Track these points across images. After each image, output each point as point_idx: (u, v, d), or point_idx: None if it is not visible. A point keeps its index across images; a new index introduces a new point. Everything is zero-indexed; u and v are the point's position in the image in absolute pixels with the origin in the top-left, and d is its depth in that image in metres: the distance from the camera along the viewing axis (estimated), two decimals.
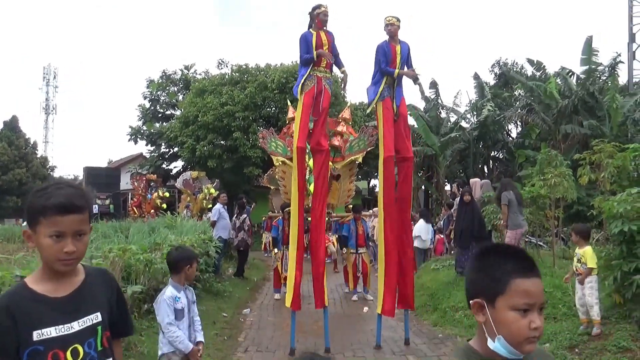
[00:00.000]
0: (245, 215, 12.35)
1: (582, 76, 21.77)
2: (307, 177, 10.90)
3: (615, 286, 6.08)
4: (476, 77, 27.26)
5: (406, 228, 7.42)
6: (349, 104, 17.35)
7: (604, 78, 21.30)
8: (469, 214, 10.08)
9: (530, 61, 24.92)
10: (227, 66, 28.87)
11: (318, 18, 7.28)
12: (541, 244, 12.56)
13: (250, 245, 12.57)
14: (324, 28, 7.35)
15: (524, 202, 9.72)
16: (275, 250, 10.54)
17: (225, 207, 12.43)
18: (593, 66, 21.36)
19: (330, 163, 10.41)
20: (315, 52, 7.08)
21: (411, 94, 61.25)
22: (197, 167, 24.47)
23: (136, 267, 6.28)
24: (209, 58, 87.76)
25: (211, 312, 8.32)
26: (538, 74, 24.76)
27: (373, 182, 38.71)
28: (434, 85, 25.69)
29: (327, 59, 7.19)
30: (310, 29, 7.33)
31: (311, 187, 10.76)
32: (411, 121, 25.18)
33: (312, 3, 7.44)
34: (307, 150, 10.61)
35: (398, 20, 7.33)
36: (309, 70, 7.20)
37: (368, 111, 8.01)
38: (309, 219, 11.60)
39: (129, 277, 6.23)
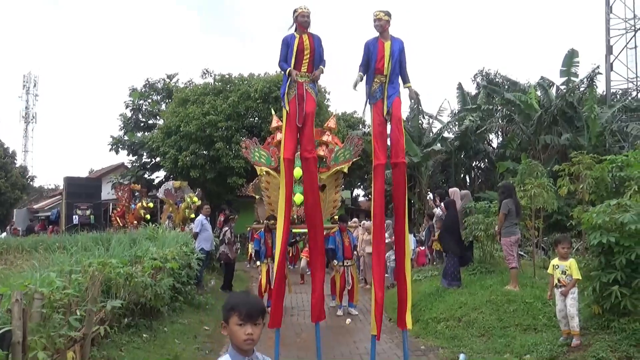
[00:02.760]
0: (226, 228, 12.27)
1: (562, 87, 22.13)
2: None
3: (594, 297, 6.16)
4: (459, 87, 27.55)
5: (400, 239, 6.92)
6: (334, 114, 17.41)
7: (583, 89, 21.65)
8: (450, 223, 10.15)
9: (506, 78, 25.33)
10: (211, 76, 28.84)
11: (297, 20, 7.02)
12: (522, 253, 12.69)
13: (233, 258, 12.44)
14: (307, 31, 7.06)
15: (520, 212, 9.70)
16: (258, 263, 10.41)
17: (208, 218, 12.35)
18: (572, 78, 21.72)
19: None
20: (292, 64, 6.84)
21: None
22: (180, 177, 24.32)
23: (116, 281, 6.21)
24: (193, 68, 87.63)
25: (193, 326, 8.26)
26: (521, 82, 25.15)
27: (356, 191, 38.83)
28: (416, 98, 25.88)
29: (294, 78, 6.89)
30: (294, 32, 7.07)
31: (296, 198, 10.74)
32: None
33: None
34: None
35: (387, 14, 6.88)
36: (290, 78, 6.93)
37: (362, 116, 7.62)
38: (294, 230, 11.59)
39: (108, 291, 6.16)
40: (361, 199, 38.94)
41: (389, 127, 7.16)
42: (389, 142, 7.00)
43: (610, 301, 5.89)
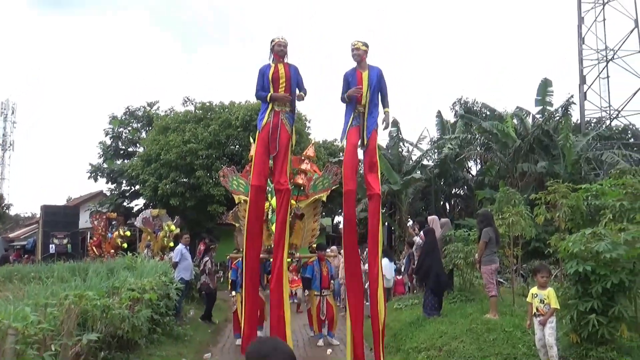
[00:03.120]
0: (207, 258, 12.14)
1: (538, 116, 22.59)
2: (269, 216, 10.84)
3: (572, 326, 6.21)
4: (439, 115, 27.98)
5: (373, 272, 6.89)
6: (313, 142, 17.48)
7: (558, 118, 22.13)
8: (429, 252, 10.16)
9: (485, 106, 25.83)
10: (192, 103, 28.88)
11: (274, 50, 7.14)
12: (502, 280, 12.78)
13: (214, 288, 12.28)
14: (284, 60, 7.16)
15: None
16: (233, 292, 10.21)
17: (187, 247, 12.23)
18: (547, 107, 22.21)
19: (293, 202, 10.31)
20: (270, 93, 6.91)
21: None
22: (159, 205, 24.10)
23: (93, 314, 6.09)
24: (175, 96, 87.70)
25: (171, 358, 8.11)
26: (498, 110, 25.62)
27: (337, 219, 38.78)
28: (395, 123, 26.20)
29: (280, 100, 6.96)
30: (271, 62, 7.17)
31: (274, 227, 10.70)
32: None
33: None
34: (270, 189, 10.56)
35: (365, 45, 7.02)
36: (269, 105, 7.02)
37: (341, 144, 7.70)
38: (271, 259, 11.49)
39: (85, 324, 6.03)
40: (342, 226, 38.90)
41: (360, 155, 7.24)
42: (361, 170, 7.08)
43: (587, 330, 5.95)
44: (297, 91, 7.24)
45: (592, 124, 28.34)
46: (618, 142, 26.22)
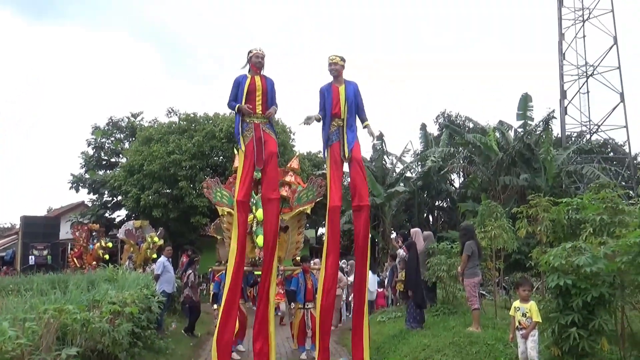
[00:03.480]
0: (190, 271, 12.03)
1: (519, 130, 22.89)
2: (254, 228, 10.81)
3: (553, 339, 6.24)
4: (423, 128, 28.21)
5: (362, 283, 6.99)
6: (297, 154, 17.49)
7: (539, 132, 22.45)
8: (411, 266, 10.16)
9: (468, 118, 26.14)
10: (176, 115, 28.82)
11: (251, 61, 7.11)
12: (484, 293, 12.85)
13: (197, 301, 12.15)
14: (260, 72, 7.13)
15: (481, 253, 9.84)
16: (215, 306, 10.07)
17: (170, 259, 12.12)
18: (529, 121, 22.53)
19: None
20: (242, 103, 6.89)
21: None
22: (142, 216, 23.94)
23: (72, 328, 6.00)
24: (159, 107, 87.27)
25: None
26: (481, 123, 25.92)
27: (321, 230, 38.76)
28: (380, 137, 26.37)
29: (246, 112, 6.91)
30: (247, 73, 7.14)
31: (258, 240, 10.65)
32: None
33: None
34: (254, 201, 10.52)
35: (342, 59, 7.04)
36: (240, 116, 6.97)
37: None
38: (256, 272, 11.45)
39: (64, 338, 5.94)
40: (325, 239, 38.88)
41: (345, 167, 7.26)
42: (346, 184, 7.12)
43: (568, 343, 5.97)
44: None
45: (573, 138, 28.79)
46: (598, 156, 26.68)
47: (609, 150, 32.91)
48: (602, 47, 28.51)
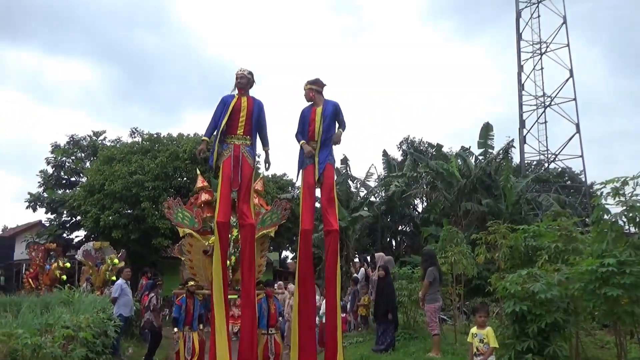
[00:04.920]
0: (152, 295, 11.74)
1: (480, 157, 23.42)
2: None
3: None
4: (385, 154, 28.58)
5: (332, 310, 6.95)
6: (261, 176, 17.44)
7: (499, 160, 23.00)
8: (387, 288, 10.16)
9: (431, 145, 26.65)
10: (140, 135, 28.47)
11: (235, 82, 7.12)
12: (445, 318, 12.95)
13: (159, 327, 11.83)
14: (247, 93, 7.13)
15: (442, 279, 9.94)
16: (175, 329, 9.79)
17: (128, 282, 11.85)
18: (489, 149, 23.10)
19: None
20: (224, 122, 6.87)
21: None
22: (101, 237, 23.39)
23: (22, 353, 5.80)
24: (123, 127, 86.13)
25: None
26: (444, 151, 26.43)
27: (285, 253, 38.58)
28: (344, 161, 26.56)
29: (200, 154, 7.01)
30: (235, 93, 7.12)
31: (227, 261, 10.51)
32: None
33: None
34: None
35: (313, 83, 7.06)
36: (217, 139, 6.94)
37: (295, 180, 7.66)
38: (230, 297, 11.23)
39: None
40: (289, 260, 38.74)
41: (317, 192, 7.24)
42: (317, 205, 7.07)
43: None
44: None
45: (532, 167, 29.60)
46: (556, 184, 27.47)
47: (567, 178, 33.94)
48: (559, 79, 29.60)
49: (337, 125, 7.13)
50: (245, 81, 7.14)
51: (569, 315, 6.55)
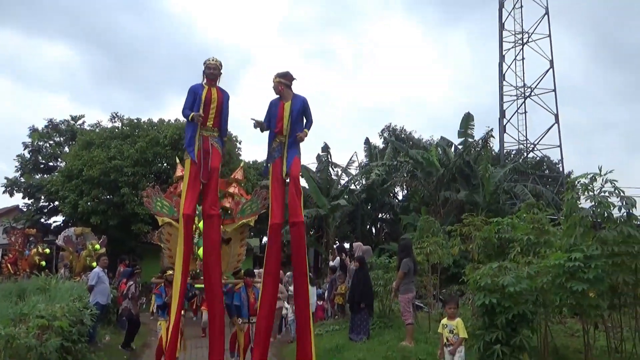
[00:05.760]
0: (131, 283, 11.73)
1: (460, 147, 23.63)
2: (195, 240, 10.67)
3: (478, 355, 6.51)
4: (367, 142, 28.71)
5: (303, 295, 6.95)
6: (242, 164, 17.40)
7: (479, 150, 23.24)
8: (363, 279, 10.27)
9: (410, 137, 26.82)
10: (120, 120, 28.17)
11: (205, 72, 7.05)
12: (421, 305, 13.15)
13: (136, 314, 11.84)
14: (216, 84, 7.08)
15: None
16: (160, 318, 9.79)
17: (105, 270, 11.82)
18: (469, 139, 23.31)
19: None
20: (193, 113, 6.78)
21: (305, 155, 62.46)
22: (80, 223, 23.20)
23: None
24: (102, 111, 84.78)
25: None
26: (424, 139, 26.61)
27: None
28: (325, 148, 26.61)
29: (197, 121, 6.82)
30: (203, 83, 7.06)
31: (199, 252, 10.53)
32: (303, 182, 25.80)
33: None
34: (198, 212, 10.40)
35: (284, 77, 7.04)
36: (197, 129, 6.89)
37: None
38: (196, 285, 11.30)
39: None
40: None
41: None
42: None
43: (493, 359, 6.25)
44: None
45: (511, 156, 29.96)
46: (534, 174, 27.87)
47: (545, 168, 34.44)
48: (540, 70, 29.88)
49: (304, 120, 7.12)
50: (217, 72, 7.09)
51: (537, 307, 6.73)
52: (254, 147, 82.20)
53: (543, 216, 8.48)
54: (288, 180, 7.05)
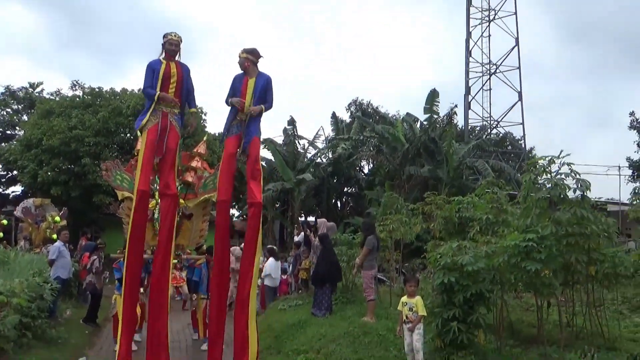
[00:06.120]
0: (94, 257, 11.58)
1: (425, 123, 23.87)
2: (155, 215, 10.55)
3: (436, 332, 6.71)
4: (334, 116, 28.71)
5: (248, 274, 6.79)
6: (205, 138, 17.16)
7: (443, 126, 23.54)
8: (327, 257, 10.36)
9: (377, 111, 26.93)
10: (81, 88, 27.38)
11: (165, 47, 6.86)
12: (384, 278, 13.39)
13: (100, 289, 11.74)
14: (175, 59, 6.92)
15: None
16: (117, 292, 9.72)
17: (66, 244, 11.65)
18: (435, 115, 23.55)
19: (182, 201, 10.07)
20: (159, 93, 6.65)
21: (272, 128, 62.14)
22: (39, 193, 22.68)
23: None
24: (62, 78, 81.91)
25: None
26: (391, 114, 26.74)
27: (231, 211, 38.54)
28: (291, 122, 26.51)
29: (168, 101, 6.73)
30: (161, 58, 6.88)
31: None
32: (269, 155, 25.73)
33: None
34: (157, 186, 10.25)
35: (249, 52, 6.90)
36: (152, 104, 6.74)
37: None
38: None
39: None
40: (235, 219, 38.77)
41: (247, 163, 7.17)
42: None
43: (449, 336, 6.46)
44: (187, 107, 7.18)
45: (475, 132, 30.44)
46: (497, 150, 28.41)
47: (508, 144, 35.12)
48: (505, 47, 30.22)
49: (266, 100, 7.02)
50: (177, 48, 6.92)
51: (494, 285, 6.96)
52: (219, 118, 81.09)
53: (502, 196, 8.70)
54: (245, 159, 6.91)
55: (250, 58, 6.93)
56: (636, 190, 10.38)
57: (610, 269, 7.36)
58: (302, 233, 12.85)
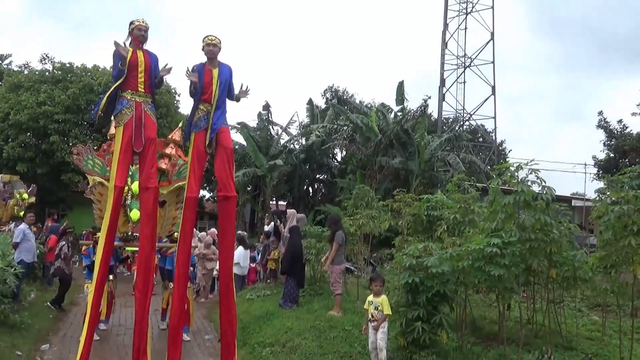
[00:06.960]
0: (63, 242, 11.42)
1: (399, 114, 24.00)
2: (128, 202, 10.45)
3: (400, 330, 6.85)
4: (309, 102, 28.63)
5: (227, 262, 6.84)
6: (180, 125, 16.94)
7: (416, 117, 23.69)
8: (292, 249, 10.39)
9: (352, 101, 26.99)
10: (51, 62, 26.68)
11: (133, 33, 6.61)
12: (352, 268, 13.54)
13: (69, 274, 11.60)
14: (142, 47, 6.69)
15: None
16: (88, 280, 9.61)
17: (31, 227, 11.45)
18: (407, 105, 23.71)
19: None
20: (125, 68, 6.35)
21: (244, 112, 61.39)
22: (5, 169, 22.18)
23: None
24: (31, 51, 79.17)
25: (2, 351, 7.62)
26: (365, 102, 26.78)
27: (202, 192, 38.24)
28: (266, 107, 26.36)
29: (120, 51, 6.36)
30: (128, 45, 6.59)
31: (132, 214, 10.31)
32: (242, 141, 25.58)
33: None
34: (131, 173, 10.14)
35: (220, 41, 6.69)
36: (125, 96, 6.50)
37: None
38: (128, 248, 11.11)
39: None
40: (207, 201, 38.55)
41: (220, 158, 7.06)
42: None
43: (413, 335, 6.61)
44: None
45: (448, 124, 30.75)
46: (469, 143, 28.76)
47: (480, 136, 35.57)
48: (481, 40, 30.49)
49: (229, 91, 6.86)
50: (146, 34, 6.67)
51: (458, 286, 7.13)
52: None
53: (471, 196, 8.85)
54: (214, 151, 6.69)
55: (219, 46, 6.73)
56: (600, 191, 10.65)
57: (569, 272, 7.58)
58: (272, 223, 12.88)
